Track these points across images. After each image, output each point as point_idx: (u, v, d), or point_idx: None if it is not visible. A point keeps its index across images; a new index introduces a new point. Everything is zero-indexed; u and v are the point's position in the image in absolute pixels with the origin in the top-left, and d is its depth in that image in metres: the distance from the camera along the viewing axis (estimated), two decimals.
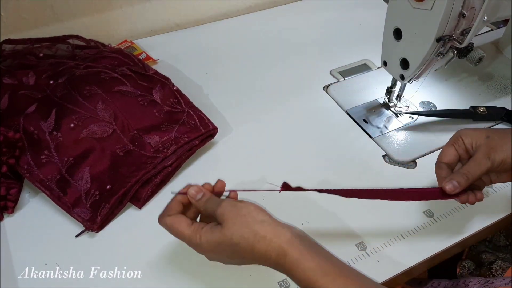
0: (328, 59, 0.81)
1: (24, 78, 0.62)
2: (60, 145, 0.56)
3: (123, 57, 0.70)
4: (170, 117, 0.63)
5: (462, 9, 0.52)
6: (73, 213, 0.53)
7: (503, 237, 0.67)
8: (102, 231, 0.54)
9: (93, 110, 0.59)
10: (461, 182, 0.46)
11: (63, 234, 0.53)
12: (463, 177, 0.47)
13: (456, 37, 0.55)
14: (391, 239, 0.53)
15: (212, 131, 0.63)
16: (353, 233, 0.54)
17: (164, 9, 0.88)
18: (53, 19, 0.79)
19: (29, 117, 0.58)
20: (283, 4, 0.97)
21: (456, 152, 0.49)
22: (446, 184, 0.47)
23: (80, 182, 0.55)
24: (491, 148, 0.47)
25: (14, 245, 0.52)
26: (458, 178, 0.47)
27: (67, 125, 0.57)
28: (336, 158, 0.64)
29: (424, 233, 0.54)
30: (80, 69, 0.64)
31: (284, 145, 0.65)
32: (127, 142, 0.58)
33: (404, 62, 0.60)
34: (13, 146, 0.55)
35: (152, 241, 0.53)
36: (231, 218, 0.41)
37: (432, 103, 0.72)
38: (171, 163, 0.58)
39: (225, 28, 0.89)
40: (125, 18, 0.85)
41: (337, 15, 0.93)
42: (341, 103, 0.72)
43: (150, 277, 0.50)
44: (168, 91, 0.66)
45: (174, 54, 0.81)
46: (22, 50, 0.70)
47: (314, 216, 0.56)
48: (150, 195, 0.57)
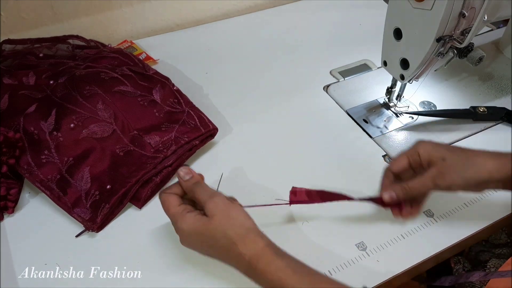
0: (328, 59, 0.81)
1: (24, 78, 0.62)
2: (60, 145, 0.56)
3: (123, 57, 0.70)
4: (170, 117, 0.63)
5: (462, 9, 0.52)
6: (73, 213, 0.53)
7: (504, 234, 0.67)
8: (102, 231, 0.54)
9: (93, 110, 0.59)
10: (399, 195, 0.48)
11: (63, 234, 0.53)
12: (403, 190, 0.48)
13: (456, 37, 0.55)
14: (391, 239, 0.53)
15: (212, 131, 0.63)
16: (353, 233, 0.54)
17: (164, 9, 0.88)
18: (53, 19, 0.79)
19: (29, 117, 0.58)
20: (283, 4, 0.97)
21: (407, 163, 0.50)
22: (384, 194, 0.49)
23: (80, 182, 0.55)
24: (440, 172, 0.47)
25: (14, 245, 0.52)
26: (398, 191, 0.48)
27: (67, 125, 0.57)
28: (336, 158, 0.64)
29: (424, 233, 0.54)
30: (80, 69, 0.64)
31: (284, 145, 0.65)
32: (127, 142, 0.58)
33: (404, 62, 0.60)
34: (13, 146, 0.55)
35: (152, 241, 0.53)
36: (220, 215, 0.43)
37: (432, 103, 0.72)
38: (171, 163, 0.58)
39: (225, 28, 0.89)
40: (125, 18, 0.86)
41: (337, 15, 0.94)
42: (341, 103, 0.72)
43: (150, 277, 0.50)
44: (168, 91, 0.66)
45: (174, 54, 0.81)
46: (22, 50, 0.70)
47: (314, 216, 0.56)
48: (150, 195, 0.57)
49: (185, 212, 0.45)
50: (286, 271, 0.41)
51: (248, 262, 0.42)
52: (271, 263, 0.41)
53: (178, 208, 0.45)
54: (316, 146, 0.65)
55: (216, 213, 0.43)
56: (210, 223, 0.43)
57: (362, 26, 0.90)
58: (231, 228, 0.42)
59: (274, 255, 0.42)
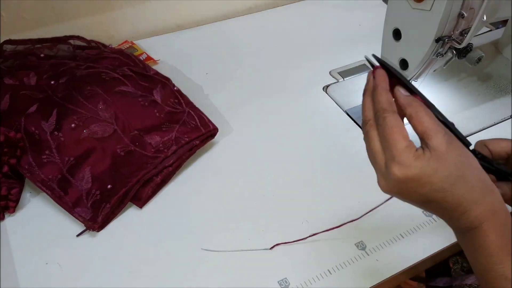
0: (328, 59, 0.81)
1: (25, 78, 0.63)
2: (61, 145, 0.56)
3: (124, 58, 0.70)
4: (171, 117, 0.63)
5: (461, 10, 0.52)
6: (74, 212, 0.54)
7: None
8: (103, 231, 0.54)
9: (94, 110, 0.59)
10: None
11: (64, 234, 0.54)
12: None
13: (455, 38, 0.55)
14: (391, 238, 0.54)
15: (212, 131, 0.63)
16: (353, 232, 0.54)
17: (164, 10, 0.88)
18: (54, 20, 0.79)
19: (30, 117, 0.58)
20: (283, 5, 0.97)
21: (510, 150, 0.40)
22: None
23: (81, 182, 0.55)
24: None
25: (15, 245, 0.53)
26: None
27: (68, 125, 0.57)
28: (336, 158, 0.64)
29: (424, 232, 0.54)
30: (81, 70, 0.64)
31: (284, 145, 0.65)
32: (128, 142, 0.59)
33: (404, 62, 0.60)
34: (14, 146, 0.55)
35: (153, 240, 0.53)
36: (455, 150, 0.33)
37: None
38: (171, 163, 0.58)
39: (226, 29, 0.90)
40: (126, 19, 0.86)
41: (337, 15, 0.94)
42: (340, 103, 0.73)
43: (150, 277, 0.50)
44: (169, 92, 0.66)
45: (175, 54, 0.81)
46: (23, 51, 0.70)
47: (314, 215, 0.56)
48: (151, 195, 0.58)
49: (412, 149, 0.34)
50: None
51: (473, 216, 0.33)
52: (502, 231, 0.33)
53: (409, 143, 0.34)
54: (316, 146, 0.65)
55: (451, 145, 0.33)
56: (445, 155, 0.32)
57: (362, 26, 0.90)
58: (468, 181, 0.32)
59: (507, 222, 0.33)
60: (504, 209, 0.34)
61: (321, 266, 0.51)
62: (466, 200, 0.33)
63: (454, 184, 0.33)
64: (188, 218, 0.56)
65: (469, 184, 0.33)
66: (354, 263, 0.51)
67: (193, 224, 0.55)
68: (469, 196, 0.33)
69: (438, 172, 0.33)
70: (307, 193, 0.59)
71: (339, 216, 0.56)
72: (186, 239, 0.53)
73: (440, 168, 0.33)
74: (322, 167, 0.62)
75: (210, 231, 0.54)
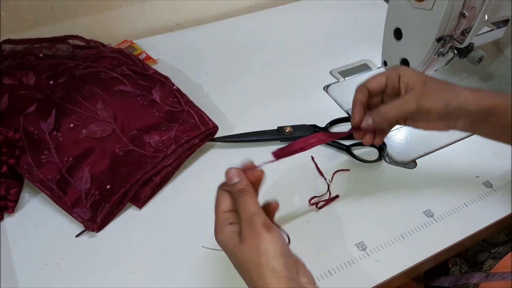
0: (328, 59, 0.81)
1: (24, 78, 0.62)
2: (60, 145, 0.56)
3: (123, 57, 0.70)
4: (170, 116, 0.63)
5: (463, 9, 0.52)
6: (73, 213, 0.53)
7: (503, 234, 0.67)
8: (102, 231, 0.54)
9: (93, 110, 0.59)
10: (376, 120, 0.47)
11: (63, 234, 0.53)
12: (380, 115, 0.47)
13: (456, 37, 0.55)
14: (391, 239, 0.53)
15: (212, 129, 0.63)
16: (353, 233, 0.54)
17: (164, 9, 0.88)
18: (53, 19, 0.79)
19: (29, 117, 0.58)
20: (283, 4, 0.97)
21: (384, 84, 0.47)
22: (363, 120, 0.47)
23: (80, 182, 0.55)
24: (423, 93, 0.45)
25: (14, 245, 0.52)
26: (375, 115, 0.47)
27: (67, 125, 0.57)
28: (336, 158, 0.63)
29: (424, 233, 0.54)
30: (80, 69, 0.64)
31: (284, 144, 0.65)
32: (127, 142, 0.58)
33: (405, 62, 0.60)
34: (13, 146, 0.55)
35: (152, 241, 0.53)
36: (249, 244, 0.38)
37: None
38: (171, 163, 0.58)
39: (225, 28, 0.89)
40: (125, 18, 0.86)
41: (337, 15, 0.93)
42: (341, 103, 0.72)
43: (150, 277, 0.50)
44: (168, 91, 0.66)
45: (174, 54, 0.81)
46: (22, 50, 0.70)
47: (314, 216, 0.56)
48: (150, 195, 0.57)
49: (226, 222, 0.40)
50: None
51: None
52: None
53: (221, 215, 0.40)
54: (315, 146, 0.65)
55: (247, 239, 0.38)
56: (239, 248, 0.38)
57: (362, 26, 0.90)
58: (256, 264, 0.37)
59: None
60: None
61: (322, 267, 0.50)
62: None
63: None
64: (187, 218, 0.56)
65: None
66: (354, 263, 0.51)
67: (192, 225, 0.55)
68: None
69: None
70: (307, 193, 0.59)
71: (339, 215, 0.56)
72: (186, 239, 0.53)
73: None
74: (321, 166, 0.62)
75: (210, 231, 0.54)
